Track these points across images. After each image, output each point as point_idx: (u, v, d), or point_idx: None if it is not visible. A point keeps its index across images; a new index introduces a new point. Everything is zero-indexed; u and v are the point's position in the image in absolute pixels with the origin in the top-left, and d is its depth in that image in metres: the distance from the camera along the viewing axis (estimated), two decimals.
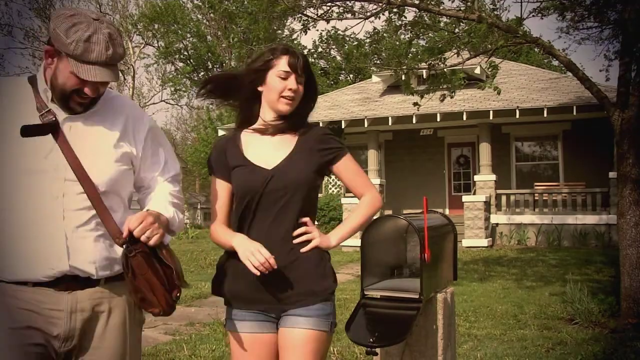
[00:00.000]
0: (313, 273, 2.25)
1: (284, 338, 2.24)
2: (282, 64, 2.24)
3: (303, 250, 2.22)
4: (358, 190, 2.37)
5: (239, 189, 2.28)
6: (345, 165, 2.33)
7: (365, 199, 2.38)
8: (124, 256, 1.86)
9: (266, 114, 2.33)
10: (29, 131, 1.83)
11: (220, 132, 20.82)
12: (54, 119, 1.89)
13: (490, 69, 8.65)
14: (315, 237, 2.24)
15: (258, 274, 2.10)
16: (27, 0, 30.42)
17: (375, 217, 2.49)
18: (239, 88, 2.34)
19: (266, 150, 2.30)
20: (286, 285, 2.21)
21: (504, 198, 16.60)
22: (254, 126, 2.36)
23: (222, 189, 2.32)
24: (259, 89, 2.30)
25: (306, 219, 2.25)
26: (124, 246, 1.87)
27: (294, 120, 2.32)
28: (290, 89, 2.23)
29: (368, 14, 8.53)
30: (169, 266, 1.91)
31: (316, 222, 2.36)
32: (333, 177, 19.16)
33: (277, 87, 2.24)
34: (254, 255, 2.09)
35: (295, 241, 2.23)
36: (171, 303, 1.91)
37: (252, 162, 2.28)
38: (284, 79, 2.24)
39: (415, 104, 9.10)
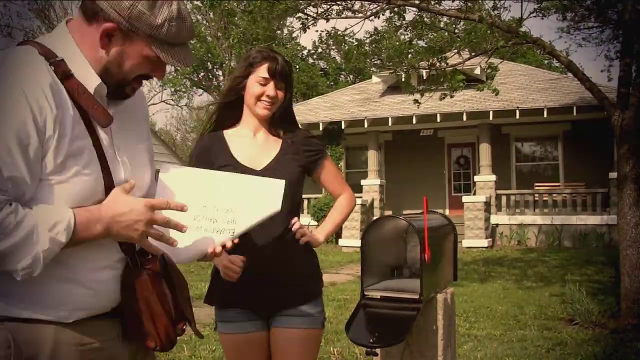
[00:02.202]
0: (304, 273, 2.33)
1: (279, 338, 2.26)
2: (261, 70, 2.28)
3: (301, 241, 2.28)
4: (337, 190, 2.49)
5: None
6: (327, 167, 2.43)
7: (343, 197, 2.49)
8: (125, 272, 1.49)
9: (248, 117, 2.36)
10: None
11: None
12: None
13: (489, 70, 8.65)
14: (307, 233, 2.31)
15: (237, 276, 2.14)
16: (27, 1, 30.38)
17: (375, 218, 2.51)
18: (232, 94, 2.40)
19: (253, 151, 2.33)
20: (279, 285, 2.25)
21: (504, 198, 16.60)
22: (238, 127, 2.40)
23: None
24: (242, 93, 2.35)
25: (295, 219, 2.31)
26: (129, 258, 1.50)
27: (279, 124, 2.38)
28: (268, 95, 2.27)
29: (368, 13, 8.54)
30: (179, 290, 1.58)
31: (316, 222, 2.39)
32: None
33: (256, 92, 2.28)
34: (229, 270, 2.14)
35: (297, 235, 2.27)
36: (173, 338, 1.55)
37: (240, 162, 2.29)
38: (263, 85, 2.28)
39: (415, 101, 9.10)
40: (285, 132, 2.39)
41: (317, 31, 38.45)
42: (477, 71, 15.21)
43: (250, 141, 2.35)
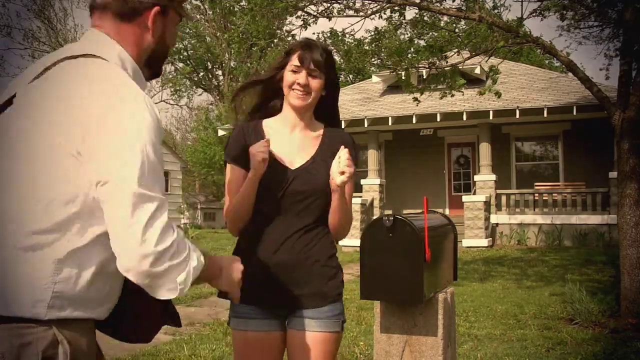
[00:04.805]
0: (323, 273, 2.22)
1: (295, 340, 2.19)
2: (294, 58, 2.23)
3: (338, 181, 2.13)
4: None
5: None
6: (349, 183, 2.23)
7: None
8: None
9: (287, 111, 2.30)
10: None
11: (221, 132, 20.79)
12: None
13: (491, 73, 8.63)
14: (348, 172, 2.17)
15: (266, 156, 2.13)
16: (26, 1, 30.38)
17: (375, 217, 2.49)
18: (267, 85, 2.36)
19: (290, 147, 2.26)
20: (296, 285, 2.17)
21: (504, 198, 16.60)
22: (277, 120, 2.33)
23: (238, 175, 2.24)
24: (281, 84, 2.29)
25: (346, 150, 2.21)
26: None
27: (320, 120, 2.34)
28: (299, 83, 2.21)
29: (369, 11, 8.53)
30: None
31: None
32: None
33: (288, 81, 2.23)
34: (257, 151, 2.13)
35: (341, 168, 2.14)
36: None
37: (274, 159, 2.21)
38: (295, 72, 2.22)
39: (415, 99, 9.09)
40: (325, 131, 2.33)
41: (314, 33, 38.55)
42: (477, 71, 15.23)
43: (287, 137, 2.28)
